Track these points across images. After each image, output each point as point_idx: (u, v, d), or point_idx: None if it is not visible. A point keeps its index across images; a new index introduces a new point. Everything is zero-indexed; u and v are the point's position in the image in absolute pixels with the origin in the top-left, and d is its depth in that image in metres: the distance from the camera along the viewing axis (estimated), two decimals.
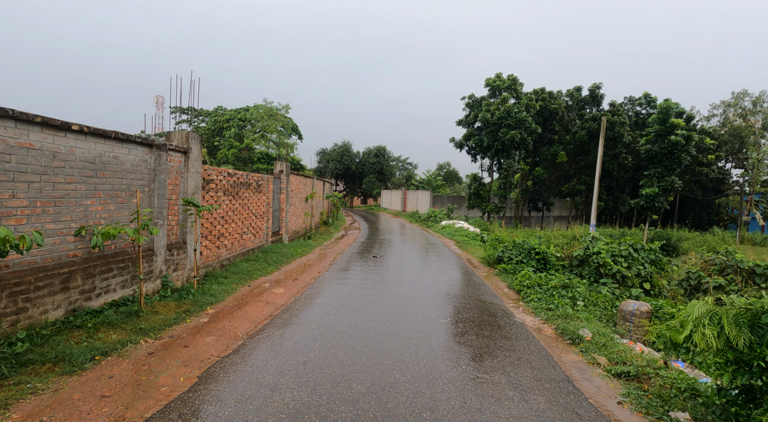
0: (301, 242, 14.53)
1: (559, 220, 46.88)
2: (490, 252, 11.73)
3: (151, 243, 6.28)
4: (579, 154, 33.69)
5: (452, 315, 6.20)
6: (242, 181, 10.03)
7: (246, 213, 10.36)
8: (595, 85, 34.92)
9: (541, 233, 25.41)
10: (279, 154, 53.23)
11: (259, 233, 11.42)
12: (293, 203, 15.20)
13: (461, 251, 15.19)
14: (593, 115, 32.36)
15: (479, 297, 7.59)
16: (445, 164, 67.81)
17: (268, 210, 12.16)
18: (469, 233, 20.76)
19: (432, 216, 28.70)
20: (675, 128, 22.64)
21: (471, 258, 13.04)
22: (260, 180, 11.38)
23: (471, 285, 8.69)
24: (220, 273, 8.25)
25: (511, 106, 25.26)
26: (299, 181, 16.12)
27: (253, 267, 9.33)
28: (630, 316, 6.48)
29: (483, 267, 11.26)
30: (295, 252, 12.18)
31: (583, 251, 9.83)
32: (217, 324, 5.46)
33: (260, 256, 10.52)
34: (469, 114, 30.24)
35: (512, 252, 10.39)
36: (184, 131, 7.10)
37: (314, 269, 10.08)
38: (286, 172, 14.08)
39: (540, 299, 7.24)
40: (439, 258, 12.63)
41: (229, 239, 9.33)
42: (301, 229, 16.34)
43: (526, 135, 25.44)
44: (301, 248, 13.18)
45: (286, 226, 14.16)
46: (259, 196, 11.38)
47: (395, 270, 9.89)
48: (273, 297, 7.08)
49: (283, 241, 13.84)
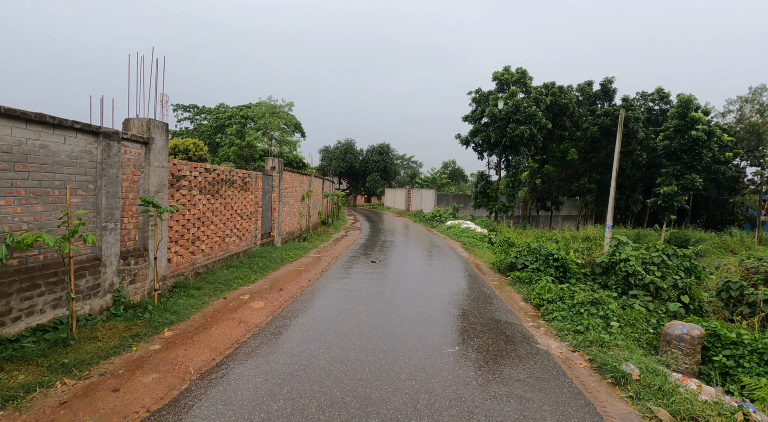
0: (296, 244, 13.47)
1: (568, 220, 45.56)
2: (500, 258, 10.58)
3: (98, 252, 5.21)
4: (590, 150, 32.35)
5: (460, 342, 5.08)
6: (224, 177, 8.96)
7: (229, 214, 9.29)
8: (606, 80, 33.55)
9: (550, 234, 24.21)
10: (281, 152, 52.37)
11: (245, 235, 10.36)
12: (287, 202, 14.14)
13: (468, 254, 14.04)
14: (606, 110, 31.01)
15: (492, 314, 6.45)
16: (450, 162, 66.56)
17: (257, 210, 11.10)
18: (476, 234, 19.60)
19: (437, 215, 27.54)
20: (695, 123, 21.29)
21: (479, 263, 11.89)
22: (246, 177, 10.32)
23: (481, 297, 7.56)
24: (193, 283, 7.19)
25: (520, 100, 24.01)
26: (294, 178, 15.05)
27: (234, 274, 8.26)
28: (677, 341, 5.32)
29: (493, 274, 10.11)
30: (287, 257, 11.11)
31: (608, 257, 8.66)
32: (169, 354, 4.39)
33: (245, 262, 9.45)
34: (475, 109, 28.99)
35: (527, 259, 9.23)
36: (145, 118, 6.03)
37: (304, 277, 9.00)
38: (279, 169, 13.01)
39: (564, 318, 6.10)
40: (444, 263, 11.50)
41: (208, 243, 8.27)
42: (297, 230, 15.27)
43: (535, 130, 24.18)
44: (294, 251, 12.11)
45: (279, 227, 13.10)
46: (246, 194, 10.31)
47: (395, 279, 8.78)
48: (248, 314, 6.00)
49: (275, 244, 12.78)
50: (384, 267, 10.25)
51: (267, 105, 51.36)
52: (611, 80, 33.49)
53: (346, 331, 5.18)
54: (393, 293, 7.42)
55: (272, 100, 50.60)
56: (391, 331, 5.26)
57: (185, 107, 69.76)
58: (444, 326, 5.61)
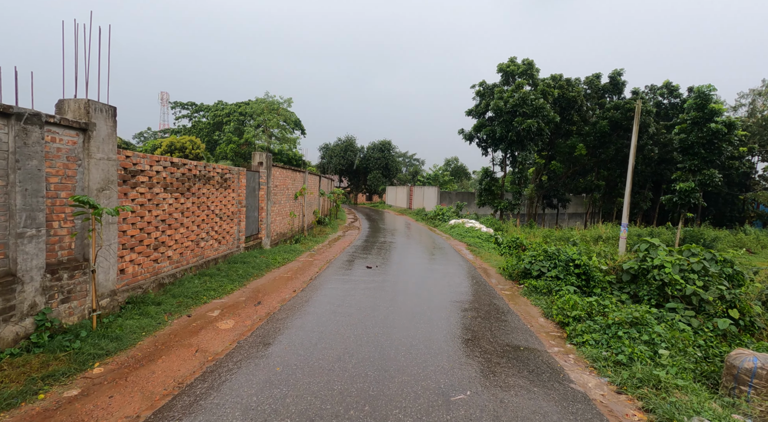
0: (286, 247, 12.37)
1: (574, 218, 44.32)
2: (512, 263, 9.44)
3: (11, 265, 4.12)
4: (599, 146, 31.06)
5: (472, 382, 3.95)
6: (198, 173, 7.85)
7: (205, 215, 8.19)
8: (615, 72, 32.25)
9: (560, 233, 22.99)
10: (280, 149, 51.29)
11: (226, 238, 9.26)
12: (278, 201, 13.04)
13: (474, 257, 12.90)
14: (615, 103, 29.71)
15: (508, 337, 5.32)
16: (453, 159, 65.35)
17: (240, 209, 9.99)
18: (482, 234, 18.45)
19: (439, 214, 26.39)
20: (714, 114, 20.03)
21: (487, 268, 10.75)
22: (227, 173, 9.21)
23: (493, 313, 6.43)
24: (153, 297, 6.09)
25: (527, 92, 22.79)
26: (286, 175, 13.94)
27: (207, 285, 7.16)
28: (748, 377, 4.18)
29: (504, 281, 8.97)
30: (274, 261, 10.01)
31: (638, 263, 7.51)
32: (85, 406, 3.29)
33: (224, 269, 8.35)
34: (479, 103, 27.78)
35: (543, 265, 8.09)
36: (82, 99, 4.92)
37: (289, 286, 7.89)
38: (267, 165, 11.89)
39: (598, 342, 4.96)
40: (448, 268, 10.37)
41: (176, 249, 7.17)
42: (289, 231, 14.18)
43: (543, 124, 22.97)
44: (283, 255, 11.01)
45: (268, 228, 12.00)
46: (227, 192, 9.21)
47: (392, 289, 7.65)
48: (211, 339, 4.90)
49: (264, 246, 11.68)
50: (381, 273, 9.13)
51: (265, 102, 50.27)
52: (620, 72, 32.19)
53: (326, 367, 4.06)
54: (389, 309, 6.29)
55: (269, 96, 49.48)
56: (383, 367, 4.13)
57: (183, 105, 68.80)
58: (450, 357, 4.48)
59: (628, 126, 28.60)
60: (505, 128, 23.67)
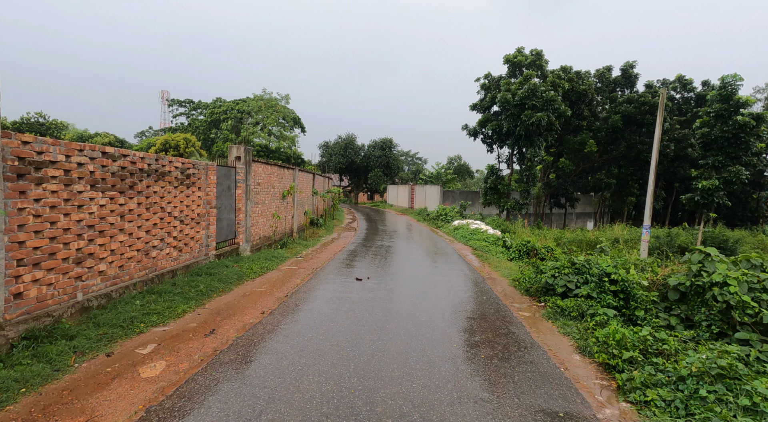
0: (269, 253, 10.93)
1: (582, 218, 42.72)
2: (528, 274, 7.94)
3: None
4: (611, 142, 29.47)
5: None
6: (146, 167, 6.41)
7: (158, 218, 6.75)
8: (627, 64, 30.64)
9: (572, 235, 21.42)
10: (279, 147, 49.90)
11: (190, 245, 7.82)
12: (260, 201, 11.59)
13: (481, 264, 11.41)
14: (628, 96, 28.11)
15: (539, 393, 3.83)
16: (456, 157, 63.83)
17: (209, 211, 8.55)
18: (488, 236, 16.94)
19: (442, 214, 24.90)
20: (741, 106, 18.45)
21: (497, 279, 9.26)
22: (189, 168, 7.76)
23: (513, 349, 4.94)
24: (68, 327, 4.65)
25: (537, 84, 21.24)
26: (271, 172, 12.48)
27: (152, 306, 5.71)
28: None
29: (519, 297, 7.48)
30: (249, 271, 8.57)
31: (690, 279, 6.01)
32: None
33: (181, 283, 6.90)
34: (484, 97, 26.27)
35: (570, 280, 6.59)
36: None
37: (259, 305, 6.44)
38: (246, 160, 10.44)
39: (669, 404, 3.47)
40: (452, 279, 8.89)
41: (114, 261, 5.73)
42: (274, 234, 12.73)
43: (553, 118, 21.42)
44: (263, 262, 9.58)
45: (247, 232, 10.55)
46: (190, 191, 7.77)
47: (383, 312, 6.16)
48: (115, 400, 3.44)
49: (241, 253, 10.24)
50: (372, 288, 7.66)
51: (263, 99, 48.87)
52: (633, 64, 30.57)
53: None
54: (375, 345, 4.81)
55: (266, 93, 48.07)
56: None
57: (181, 102, 67.63)
58: None
59: (642, 120, 27.03)
60: (513, 122, 22.13)
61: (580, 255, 7.41)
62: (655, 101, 26.13)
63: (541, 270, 7.48)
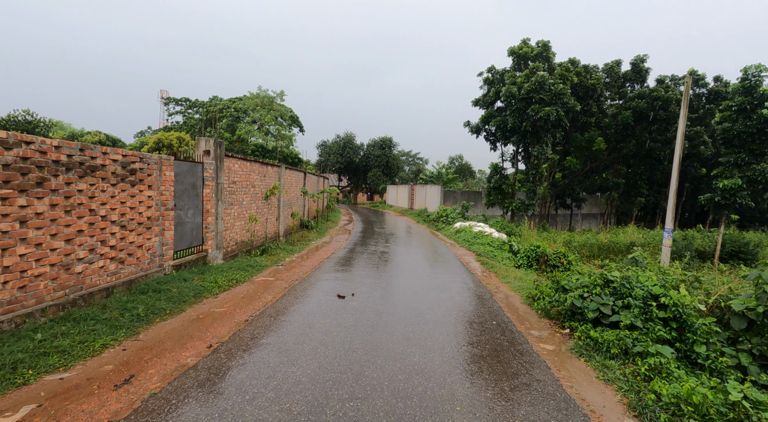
0: (245, 261, 9.56)
1: (588, 219, 41.27)
2: (548, 292, 6.53)
3: None
4: (621, 139, 28.01)
5: None
6: (63, 159, 5.03)
7: (85, 224, 5.38)
8: (638, 58, 29.17)
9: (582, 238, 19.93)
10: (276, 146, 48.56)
11: (136, 255, 6.45)
12: (237, 201, 10.23)
13: (487, 273, 10.02)
14: (639, 91, 26.67)
15: None
16: (457, 157, 62.39)
17: (164, 213, 7.17)
18: (493, 240, 15.53)
19: (443, 215, 23.50)
20: (766, 99, 17.00)
21: (508, 294, 7.86)
22: (135, 162, 6.39)
23: (540, 407, 3.55)
24: None
25: (545, 76, 19.81)
26: (252, 169, 11.12)
27: (55, 342, 4.33)
28: None
29: (536, 321, 6.08)
30: (212, 286, 7.20)
31: (765, 303, 4.61)
32: None
33: (114, 305, 5.52)
34: (488, 92, 24.85)
35: (606, 302, 5.17)
36: None
37: (209, 333, 5.07)
38: (217, 155, 9.07)
39: None
40: (454, 295, 7.50)
41: (11, 281, 4.36)
42: (252, 239, 11.35)
43: (562, 113, 19.99)
44: (234, 273, 8.22)
45: (218, 237, 9.17)
46: (136, 190, 6.40)
47: (364, 349, 4.74)
48: None
49: (210, 261, 8.87)
50: (355, 311, 6.26)
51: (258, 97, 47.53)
52: (643, 58, 29.11)
53: None
54: (346, 408, 3.40)
55: (262, 90, 46.71)
56: None
57: (177, 100, 66.44)
58: None
59: (654, 117, 25.59)
60: (519, 118, 20.71)
61: (612, 269, 6.00)
62: (669, 96, 24.69)
63: (563, 287, 6.07)
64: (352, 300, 6.69)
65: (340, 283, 7.98)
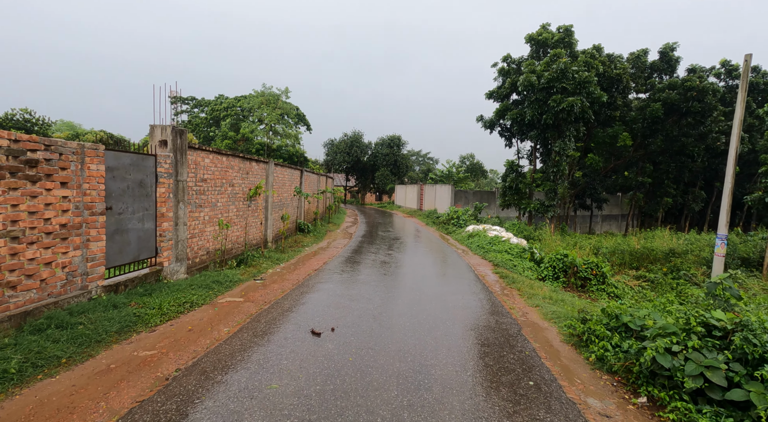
0: (215, 275, 7.88)
1: (609, 220, 38.87)
2: (603, 332, 4.63)
3: None
4: (649, 134, 25.71)
5: None
6: None
7: None
8: (667, 46, 26.84)
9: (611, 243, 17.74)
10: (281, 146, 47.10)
11: (40, 277, 4.77)
12: (208, 203, 8.55)
13: (508, 291, 8.16)
14: (671, 81, 24.38)
15: None
16: (469, 156, 60.24)
17: (90, 219, 5.49)
18: (511, 247, 13.62)
19: (453, 217, 21.62)
20: None
21: (540, 325, 6.00)
22: (37, 150, 4.71)
23: None
24: None
25: (568, 63, 17.80)
26: (228, 165, 9.44)
27: None
28: None
29: (592, 380, 4.23)
30: (153, 314, 5.52)
31: None
32: None
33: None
34: (503, 83, 22.86)
35: (710, 362, 3.29)
36: None
37: (100, 406, 3.34)
38: (176, 146, 7.39)
39: None
40: (467, 336, 5.67)
41: None
42: (236, 246, 9.67)
43: (587, 104, 17.94)
44: (193, 294, 6.54)
45: (180, 246, 7.49)
46: (39, 188, 4.73)
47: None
48: None
49: (168, 277, 7.19)
50: (328, 360, 4.47)
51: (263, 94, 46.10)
52: (673, 46, 26.77)
53: None
54: None
55: (267, 88, 45.23)
56: None
57: (183, 99, 65.56)
58: None
59: (687, 109, 23.29)
60: (538, 110, 18.72)
61: (711, 306, 4.10)
62: (705, 86, 22.38)
63: (626, 325, 4.19)
64: (330, 340, 4.91)
65: (321, 309, 6.22)
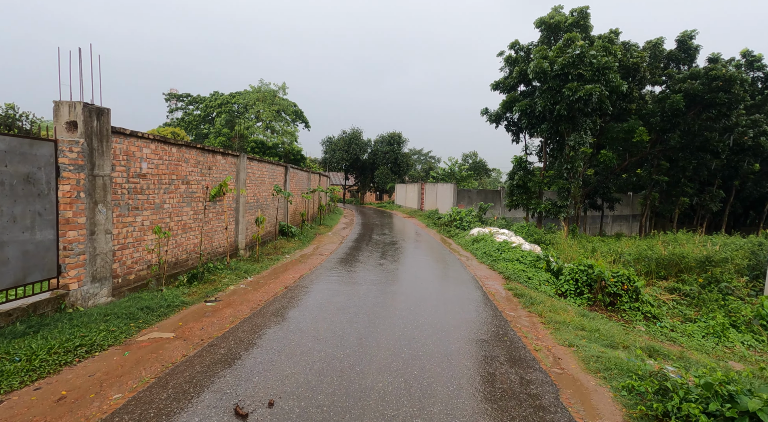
0: (147, 298, 6.08)
1: (620, 221, 36.91)
2: (698, 414, 2.78)
3: None
4: (668, 129, 23.76)
5: None
6: None
7: None
8: (685, 34, 24.91)
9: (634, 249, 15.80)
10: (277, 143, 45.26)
11: None
12: (150, 204, 6.74)
13: (528, 318, 6.32)
14: (693, 70, 22.45)
15: None
16: (472, 154, 58.31)
17: None
18: (523, 254, 11.76)
19: (456, 218, 19.78)
20: None
21: (584, 384, 4.17)
22: None
23: None
24: None
25: (585, 46, 15.92)
26: (180, 157, 7.63)
27: None
28: None
29: None
30: (14, 369, 3.71)
31: None
32: None
33: None
34: (510, 73, 20.99)
35: None
36: None
37: None
38: (93, 130, 5.58)
39: None
40: (478, 405, 3.84)
41: None
42: (191, 257, 7.85)
43: (606, 92, 16.06)
44: (94, 331, 4.76)
45: (100, 262, 5.67)
46: None
47: None
48: None
49: (77, 304, 5.39)
50: None
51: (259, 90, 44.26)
52: (692, 35, 24.85)
53: None
54: None
55: (264, 84, 43.36)
56: None
57: (179, 96, 63.79)
58: None
59: (712, 100, 21.35)
60: (551, 100, 16.84)
61: None
62: (732, 74, 20.43)
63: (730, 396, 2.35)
64: None
65: (269, 356, 4.40)
